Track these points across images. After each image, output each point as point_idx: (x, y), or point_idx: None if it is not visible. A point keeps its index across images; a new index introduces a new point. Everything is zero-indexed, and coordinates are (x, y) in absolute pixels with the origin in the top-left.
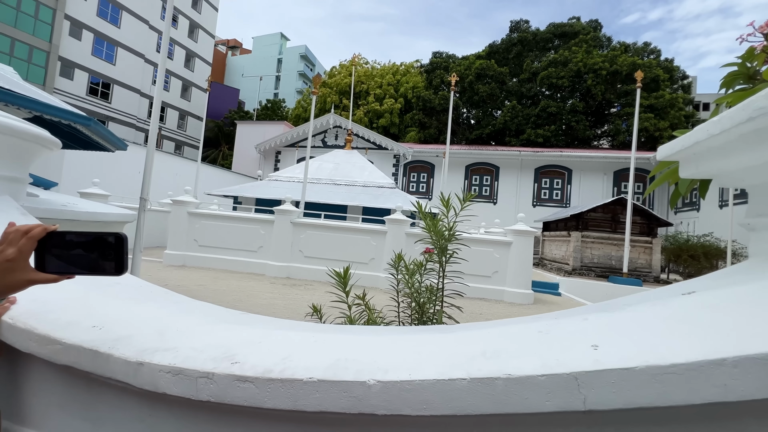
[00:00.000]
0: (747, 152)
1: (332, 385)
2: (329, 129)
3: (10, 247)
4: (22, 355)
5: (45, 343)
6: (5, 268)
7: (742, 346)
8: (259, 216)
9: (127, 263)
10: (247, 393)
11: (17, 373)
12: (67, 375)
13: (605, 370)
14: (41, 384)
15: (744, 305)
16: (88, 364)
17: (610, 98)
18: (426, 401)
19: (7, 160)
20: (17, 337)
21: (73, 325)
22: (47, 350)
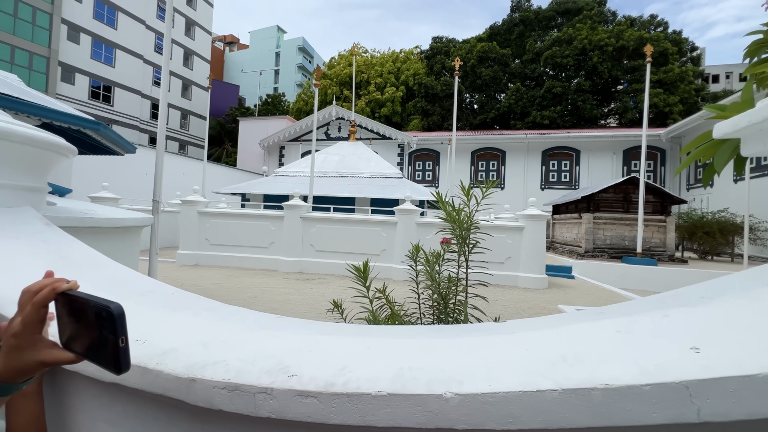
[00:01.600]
0: None
1: (404, 399)
2: (332, 121)
3: (18, 316)
4: (64, 371)
5: None
6: (12, 345)
7: None
8: (268, 212)
9: (128, 358)
10: (311, 408)
11: (62, 390)
12: (116, 391)
13: (721, 378)
14: (88, 400)
15: None
16: (137, 382)
17: (617, 75)
18: (512, 415)
19: (26, 170)
20: None
21: None
22: (93, 368)
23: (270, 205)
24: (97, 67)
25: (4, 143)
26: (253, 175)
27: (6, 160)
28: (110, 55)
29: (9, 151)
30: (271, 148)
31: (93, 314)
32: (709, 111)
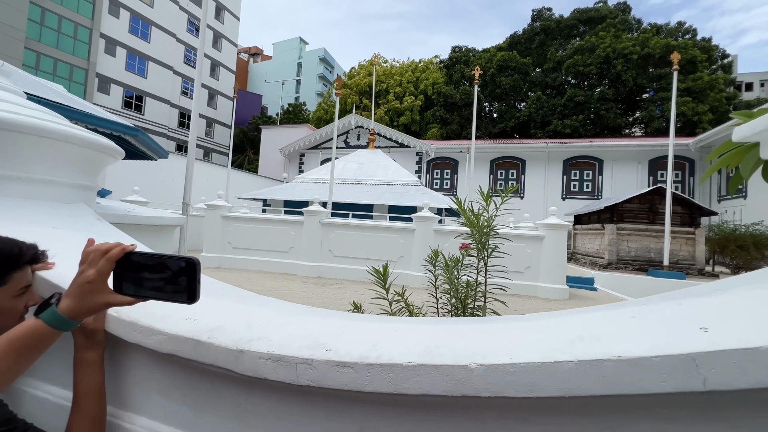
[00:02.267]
0: None
1: (432, 369)
2: (351, 129)
3: (90, 267)
4: (123, 345)
5: (149, 334)
6: (86, 290)
7: None
8: (288, 217)
9: (200, 290)
10: (347, 378)
11: (119, 362)
12: (167, 363)
13: (726, 350)
14: (142, 372)
15: None
16: (190, 352)
17: (642, 83)
18: (531, 383)
19: (82, 170)
20: (123, 328)
21: (169, 317)
22: (152, 340)
23: (290, 210)
24: (130, 78)
25: (65, 145)
26: (273, 181)
27: (66, 161)
28: (143, 66)
29: (69, 153)
30: (291, 155)
31: (166, 266)
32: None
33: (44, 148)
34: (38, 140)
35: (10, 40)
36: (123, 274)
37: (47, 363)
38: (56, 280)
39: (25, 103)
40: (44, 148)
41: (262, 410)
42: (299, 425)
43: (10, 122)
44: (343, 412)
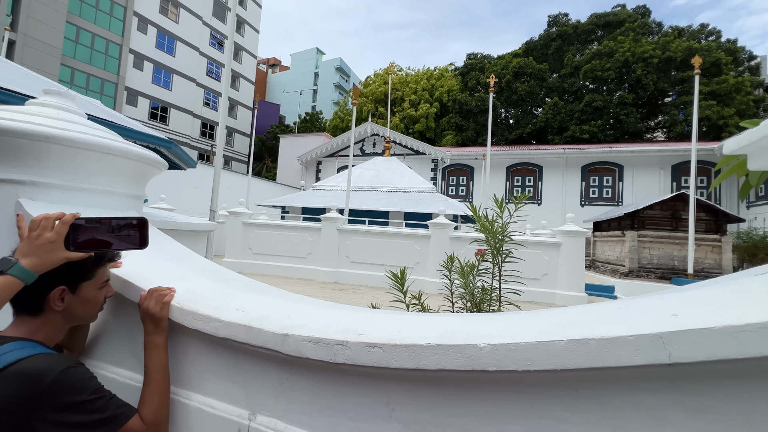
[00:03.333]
0: None
1: (448, 348)
2: (367, 137)
3: (45, 231)
4: (182, 331)
5: (207, 321)
6: (48, 248)
7: None
8: (306, 224)
9: (148, 239)
10: (376, 356)
11: (178, 347)
12: (220, 347)
13: (687, 330)
14: (198, 355)
15: None
16: (243, 336)
17: (664, 87)
18: (530, 359)
19: (134, 181)
20: (185, 317)
21: (222, 308)
22: (210, 326)
23: (308, 217)
24: (156, 90)
25: (122, 159)
26: (291, 189)
27: (122, 173)
28: (168, 79)
29: (124, 166)
30: (308, 163)
31: (115, 223)
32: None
33: (105, 163)
34: (101, 156)
35: (47, 57)
36: (73, 236)
37: (116, 349)
38: (125, 275)
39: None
40: (105, 162)
41: (302, 387)
42: (334, 400)
43: (80, 141)
44: (372, 388)
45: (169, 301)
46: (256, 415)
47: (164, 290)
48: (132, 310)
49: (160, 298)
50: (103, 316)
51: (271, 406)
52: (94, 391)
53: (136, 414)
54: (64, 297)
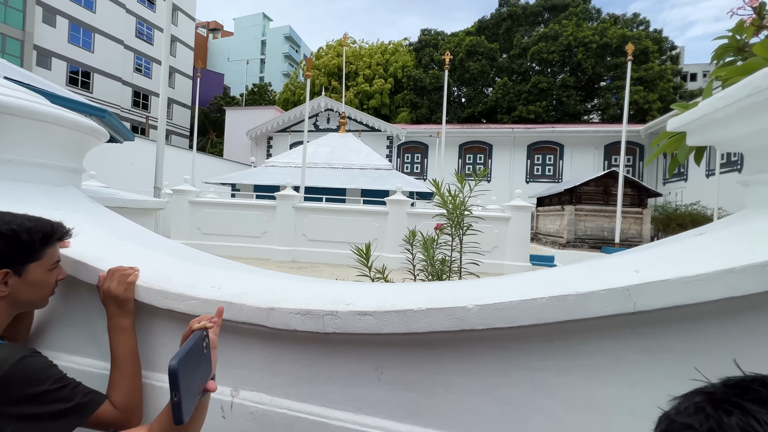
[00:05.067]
0: (744, 122)
1: (438, 311)
2: (321, 112)
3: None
4: (152, 313)
5: (181, 300)
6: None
7: (745, 259)
8: (260, 202)
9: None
10: (367, 323)
11: (149, 330)
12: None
13: (649, 282)
14: (170, 338)
15: (743, 237)
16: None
17: (600, 72)
18: (515, 316)
19: (71, 153)
20: (155, 296)
21: (197, 286)
22: (184, 305)
23: (262, 194)
24: (75, 51)
25: (55, 127)
26: (241, 165)
27: (55, 143)
28: (89, 39)
29: (58, 135)
30: (258, 138)
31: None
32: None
33: (34, 131)
34: (28, 122)
35: None
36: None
37: (69, 336)
38: (77, 256)
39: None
40: (34, 130)
41: (288, 360)
42: (322, 369)
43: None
44: (361, 354)
45: (134, 280)
46: (239, 391)
47: (127, 270)
48: (87, 293)
49: (123, 278)
50: (52, 302)
51: (255, 381)
52: (56, 380)
53: (107, 400)
54: (8, 281)
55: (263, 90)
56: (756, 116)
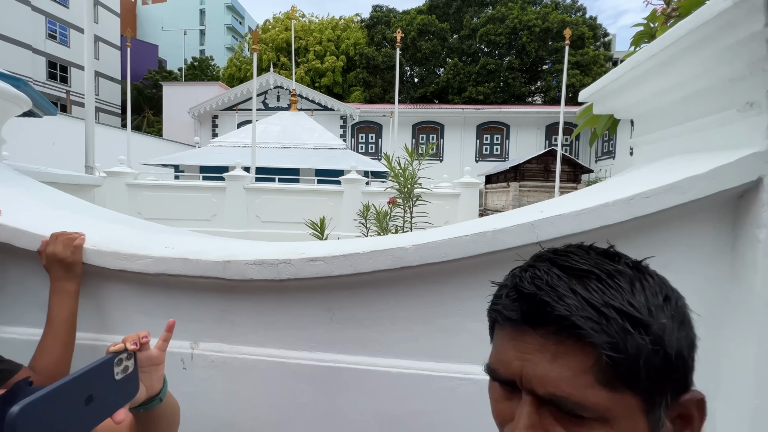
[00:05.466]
0: (631, 91)
1: (381, 252)
2: (270, 90)
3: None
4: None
5: (135, 260)
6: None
7: (617, 196)
8: (208, 184)
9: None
10: (319, 268)
11: (98, 293)
12: (149, 287)
13: (548, 217)
14: (125, 298)
15: (622, 183)
16: (179, 269)
17: (543, 55)
18: (445, 252)
19: None
20: (106, 258)
21: (149, 248)
22: (138, 264)
23: (209, 176)
24: None
25: None
26: (183, 146)
27: None
28: None
29: None
30: (202, 117)
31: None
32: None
33: None
34: None
35: None
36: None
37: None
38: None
39: None
40: None
41: (245, 309)
42: (279, 315)
43: None
44: (314, 298)
45: (81, 244)
46: (199, 344)
47: (72, 234)
48: (26, 261)
49: (68, 241)
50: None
51: (214, 333)
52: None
53: (24, 368)
54: None
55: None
56: (640, 86)
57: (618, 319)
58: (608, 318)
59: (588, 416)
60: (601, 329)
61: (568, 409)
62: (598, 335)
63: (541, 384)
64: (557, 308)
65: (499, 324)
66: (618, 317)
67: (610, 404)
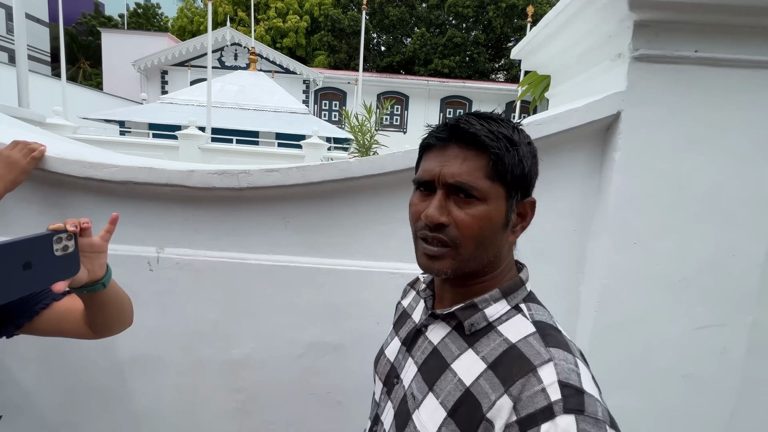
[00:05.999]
0: (546, 48)
1: (329, 165)
2: (226, 46)
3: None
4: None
5: (101, 168)
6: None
7: None
8: (159, 142)
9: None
10: (275, 178)
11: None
12: (114, 197)
13: None
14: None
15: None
16: (145, 177)
17: (507, 32)
18: (382, 165)
19: None
20: (71, 166)
21: (113, 159)
22: (104, 172)
23: (159, 133)
24: None
25: None
26: (127, 102)
27: None
28: None
29: None
30: (149, 71)
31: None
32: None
33: None
34: None
35: None
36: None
37: None
38: None
39: None
40: None
41: (207, 218)
42: (239, 222)
43: None
44: (271, 207)
45: (39, 156)
46: (164, 249)
47: (33, 143)
48: None
49: (27, 150)
50: None
51: (178, 239)
52: None
53: None
54: None
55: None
56: (551, 43)
57: (503, 140)
58: (498, 139)
59: (476, 196)
60: (494, 144)
61: (465, 191)
62: (492, 147)
63: (452, 176)
64: (470, 129)
65: (428, 148)
66: (504, 139)
67: (489, 190)
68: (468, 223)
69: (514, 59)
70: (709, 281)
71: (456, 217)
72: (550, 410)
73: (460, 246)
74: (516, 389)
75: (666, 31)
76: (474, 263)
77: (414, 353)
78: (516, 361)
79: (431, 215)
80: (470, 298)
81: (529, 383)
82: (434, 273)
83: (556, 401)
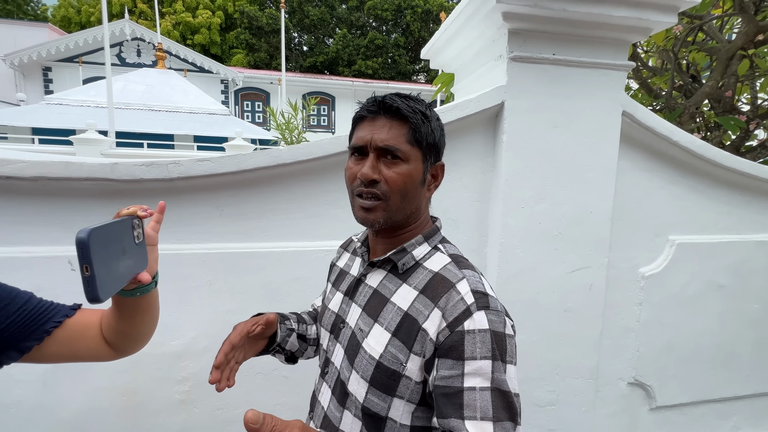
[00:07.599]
0: (448, 49)
1: (260, 153)
2: (126, 41)
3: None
4: None
5: (6, 164)
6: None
7: None
8: (48, 148)
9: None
10: (206, 167)
11: None
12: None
13: None
14: None
15: None
16: (61, 172)
17: (425, 36)
18: (310, 151)
19: None
20: None
21: (19, 155)
22: (10, 168)
23: (47, 139)
24: None
25: None
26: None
27: None
28: None
29: None
30: (27, 67)
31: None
32: None
33: None
34: None
35: None
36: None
37: None
38: None
39: None
40: None
41: None
42: (173, 214)
43: None
44: (205, 197)
45: None
46: None
47: None
48: None
49: None
50: None
51: None
52: None
53: None
54: None
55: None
56: (451, 44)
57: (420, 114)
58: (416, 112)
59: (400, 157)
60: (413, 116)
61: (392, 152)
62: (411, 118)
63: (382, 141)
64: (395, 104)
65: (360, 120)
66: (420, 113)
67: (410, 152)
68: (395, 179)
69: (424, 57)
70: (576, 233)
71: (385, 174)
72: (468, 311)
73: (389, 198)
74: (442, 302)
75: (532, 38)
76: (400, 214)
77: (357, 299)
78: (440, 283)
79: (366, 173)
80: (399, 245)
81: (451, 296)
82: (369, 223)
83: (471, 304)
